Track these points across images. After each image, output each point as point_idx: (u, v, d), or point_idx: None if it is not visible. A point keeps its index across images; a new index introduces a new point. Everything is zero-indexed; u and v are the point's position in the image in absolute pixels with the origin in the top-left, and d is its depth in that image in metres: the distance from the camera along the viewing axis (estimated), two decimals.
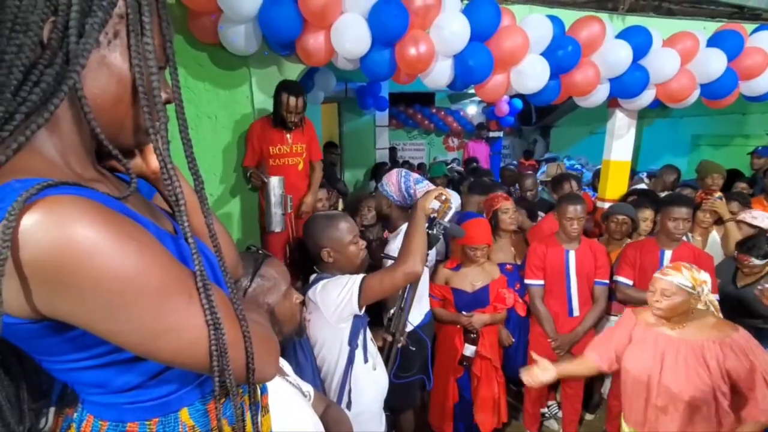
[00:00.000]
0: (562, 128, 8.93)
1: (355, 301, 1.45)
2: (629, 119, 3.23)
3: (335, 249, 1.55)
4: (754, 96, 3.06)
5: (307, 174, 2.84)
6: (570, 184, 3.39)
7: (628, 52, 2.49)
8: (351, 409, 1.49)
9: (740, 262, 2.42)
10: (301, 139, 2.69)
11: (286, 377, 1.10)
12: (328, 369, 1.52)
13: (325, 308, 1.47)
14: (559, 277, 2.52)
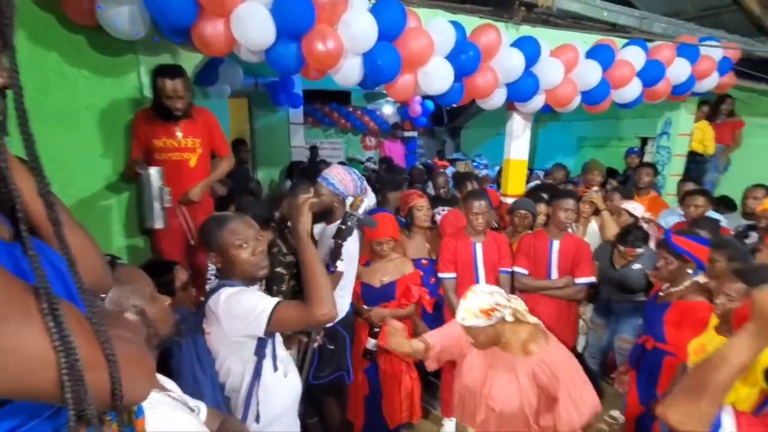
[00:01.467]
0: (470, 130, 9.52)
1: (263, 328, 1.32)
2: (525, 121, 3.53)
3: (221, 254, 1.40)
4: (624, 103, 3.55)
5: (206, 171, 2.54)
6: (471, 182, 3.58)
7: (521, 59, 2.72)
8: (260, 421, 1.39)
9: (625, 253, 2.78)
10: (194, 132, 2.39)
11: (168, 393, 0.99)
12: (233, 383, 1.41)
13: (228, 324, 1.35)
14: (469, 269, 2.67)
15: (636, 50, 3.28)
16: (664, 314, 2.17)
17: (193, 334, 1.38)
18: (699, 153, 4.94)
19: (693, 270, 2.21)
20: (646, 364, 2.24)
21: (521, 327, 1.65)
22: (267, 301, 1.35)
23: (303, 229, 1.42)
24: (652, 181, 4.07)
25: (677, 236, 2.24)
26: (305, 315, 1.34)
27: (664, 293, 2.29)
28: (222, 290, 1.39)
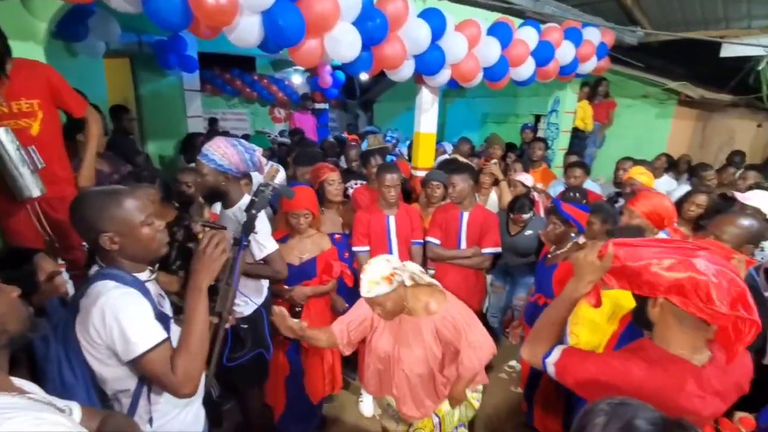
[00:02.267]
0: (382, 103, 9.53)
1: (127, 358, 1.13)
2: (433, 96, 3.60)
3: (121, 233, 1.18)
4: (521, 81, 3.79)
5: (55, 138, 2.10)
6: (375, 158, 3.56)
7: (427, 31, 2.72)
8: (153, 425, 1.23)
9: (515, 220, 3.04)
10: (25, 92, 1.94)
11: (28, 396, 0.84)
12: (115, 385, 1.21)
13: (94, 333, 1.13)
14: (382, 242, 2.69)
15: (530, 31, 3.50)
16: (552, 274, 2.43)
17: (63, 331, 1.16)
18: (580, 129, 5.56)
19: (575, 233, 2.50)
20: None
21: (420, 290, 1.75)
22: (150, 334, 1.14)
23: (205, 280, 1.24)
24: (543, 154, 4.47)
25: (565, 203, 2.50)
26: (168, 381, 1.14)
27: (552, 255, 2.56)
28: (103, 286, 1.16)
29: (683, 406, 1.02)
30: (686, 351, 1.05)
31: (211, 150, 1.84)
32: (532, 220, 3.09)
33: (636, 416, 0.70)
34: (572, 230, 2.49)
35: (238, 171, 1.90)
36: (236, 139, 1.96)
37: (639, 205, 2.17)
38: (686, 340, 1.05)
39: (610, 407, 0.73)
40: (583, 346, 2.02)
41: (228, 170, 1.86)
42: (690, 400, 1.02)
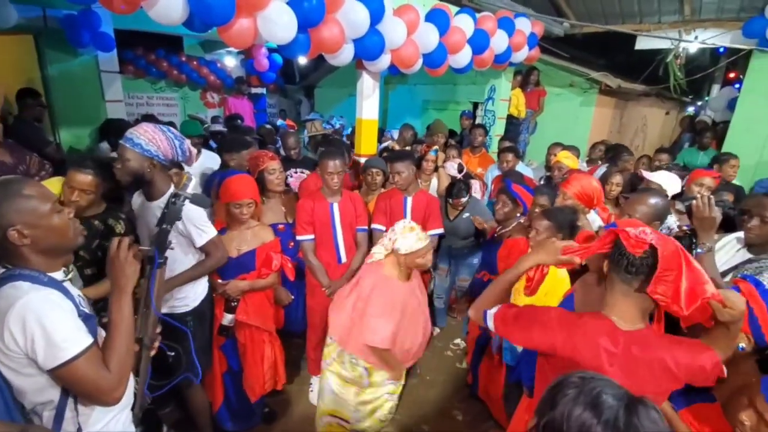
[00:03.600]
0: (324, 89, 9.33)
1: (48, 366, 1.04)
2: (374, 81, 3.57)
3: (31, 225, 1.07)
4: (459, 68, 3.87)
5: None
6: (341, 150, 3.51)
7: (366, 14, 2.68)
8: None
9: (454, 205, 3.14)
10: None
11: None
12: (35, 397, 1.10)
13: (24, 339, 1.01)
14: (327, 229, 2.65)
15: (466, 19, 3.57)
16: (497, 251, 2.55)
17: None
18: (515, 116, 5.84)
19: (520, 213, 2.63)
20: None
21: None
22: (78, 337, 1.06)
23: (127, 283, 1.20)
24: (483, 140, 4.65)
25: (515, 184, 2.63)
26: (100, 386, 1.08)
27: (498, 234, 2.69)
28: (15, 288, 1.04)
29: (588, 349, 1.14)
30: (616, 316, 1.17)
31: (136, 134, 1.71)
32: (470, 204, 3.21)
33: (603, 391, 0.75)
34: (518, 210, 2.63)
35: (166, 158, 1.78)
36: (165, 126, 1.83)
37: (570, 186, 2.32)
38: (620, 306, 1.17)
39: (580, 380, 0.78)
40: None
41: (155, 156, 1.73)
42: (596, 347, 1.13)
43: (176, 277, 1.91)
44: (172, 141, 1.77)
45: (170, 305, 1.99)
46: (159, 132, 1.74)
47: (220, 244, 1.99)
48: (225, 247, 2.04)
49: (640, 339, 1.13)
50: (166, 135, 1.76)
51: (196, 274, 1.98)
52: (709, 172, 2.71)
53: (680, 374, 1.09)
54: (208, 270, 2.03)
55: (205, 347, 2.17)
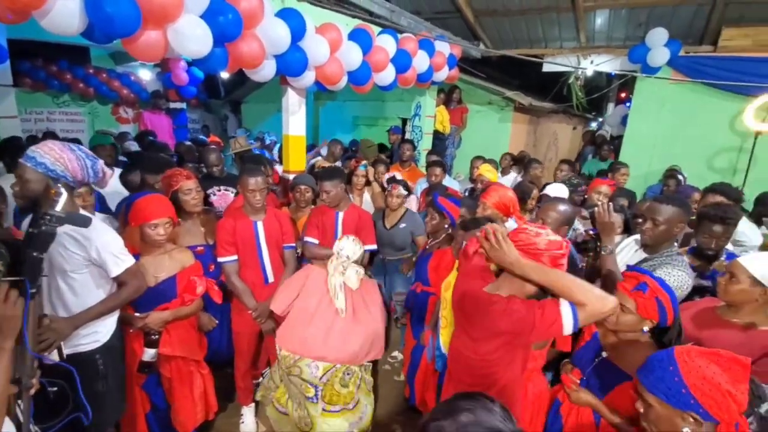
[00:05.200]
0: (252, 104, 9.09)
1: None
2: (300, 97, 3.55)
3: None
4: (384, 86, 3.98)
5: None
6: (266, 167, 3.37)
7: (286, 31, 2.67)
8: None
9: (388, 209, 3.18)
10: None
11: None
12: None
13: None
14: (251, 249, 2.54)
15: (389, 39, 3.70)
16: (428, 263, 2.60)
17: None
18: (440, 132, 6.12)
19: (448, 225, 2.71)
20: (416, 306, 2.65)
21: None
22: None
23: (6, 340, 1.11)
24: (412, 155, 4.79)
25: (441, 197, 2.72)
26: None
27: (429, 246, 2.75)
28: None
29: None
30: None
31: (40, 152, 1.55)
32: (407, 215, 3.27)
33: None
34: (446, 222, 2.71)
35: (74, 180, 1.61)
36: (74, 144, 1.67)
37: (489, 198, 2.48)
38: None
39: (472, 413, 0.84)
40: (451, 327, 2.22)
41: (62, 177, 1.57)
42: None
43: (89, 311, 1.72)
44: (83, 161, 1.63)
45: (74, 343, 1.76)
46: (67, 150, 1.60)
47: (139, 273, 1.87)
48: (144, 275, 1.91)
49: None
50: (76, 154, 1.61)
51: (112, 306, 1.81)
52: (605, 181, 3.04)
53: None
54: (126, 301, 1.86)
55: (120, 386, 1.96)
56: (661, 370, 1.06)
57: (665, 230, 2.00)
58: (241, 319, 2.60)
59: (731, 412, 0.98)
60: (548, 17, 5.53)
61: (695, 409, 1.00)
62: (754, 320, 1.58)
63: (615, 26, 5.44)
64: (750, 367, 0.99)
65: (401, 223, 3.23)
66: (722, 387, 0.98)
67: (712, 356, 1.02)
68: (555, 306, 1.30)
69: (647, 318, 1.46)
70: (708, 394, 0.98)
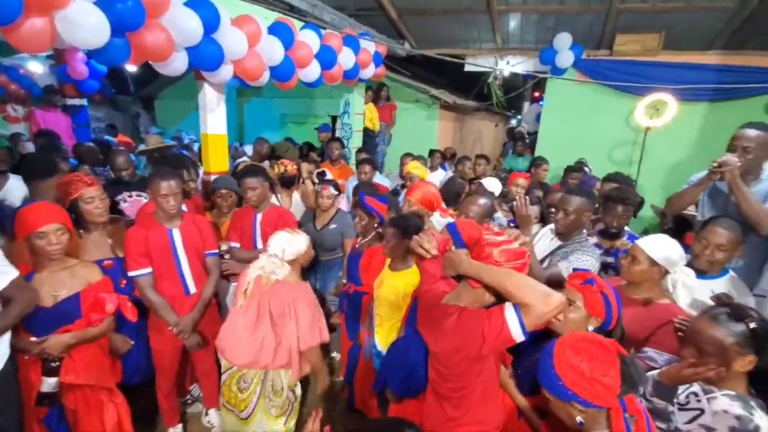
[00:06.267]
0: (166, 100, 8.42)
1: None
2: (218, 93, 3.33)
3: None
4: (309, 83, 3.88)
5: None
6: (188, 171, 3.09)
7: (197, 22, 2.48)
8: None
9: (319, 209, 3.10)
10: None
11: None
12: None
13: None
14: (168, 259, 2.33)
15: (312, 34, 3.61)
16: (359, 262, 2.58)
17: None
18: (370, 129, 6.13)
19: (377, 223, 2.70)
20: (350, 306, 2.63)
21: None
22: None
23: None
24: (341, 153, 4.73)
25: (368, 197, 2.69)
26: None
27: (359, 246, 2.72)
28: None
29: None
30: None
31: None
32: (338, 216, 3.22)
33: None
34: (375, 221, 2.69)
35: None
36: None
37: (413, 194, 2.54)
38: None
39: None
40: (386, 324, 2.23)
41: None
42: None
43: None
44: None
45: None
46: None
47: (26, 285, 1.67)
48: (32, 288, 1.70)
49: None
50: None
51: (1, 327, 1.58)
52: (522, 174, 3.26)
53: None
54: (16, 319, 1.65)
55: (17, 422, 1.74)
56: (544, 364, 1.09)
57: (575, 219, 2.18)
58: (161, 336, 2.38)
59: (603, 397, 1.01)
60: (467, 19, 5.77)
61: (574, 398, 1.03)
62: (651, 296, 1.77)
63: (527, 30, 5.83)
64: (616, 351, 1.04)
65: (332, 224, 3.18)
66: (586, 375, 1.01)
67: (580, 344, 1.05)
68: (500, 312, 1.23)
69: (593, 315, 1.46)
70: (577, 383, 1.02)
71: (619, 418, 1.01)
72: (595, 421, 1.05)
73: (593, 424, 1.05)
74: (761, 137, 2.07)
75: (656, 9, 4.86)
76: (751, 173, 2.10)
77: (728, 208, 2.13)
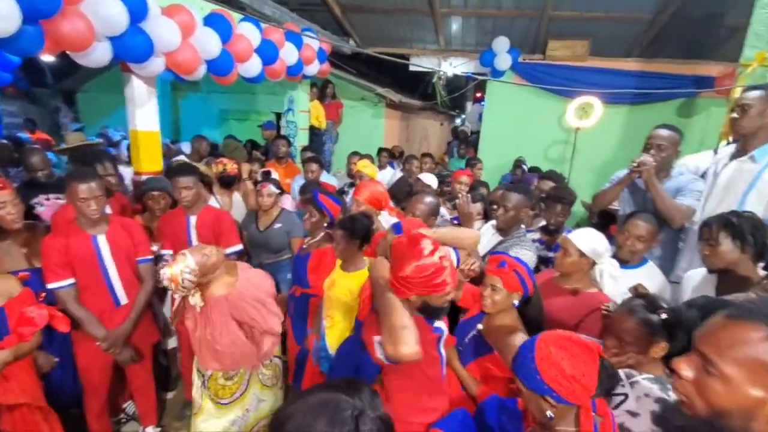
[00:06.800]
0: (91, 94, 7.71)
1: None
2: (148, 87, 3.11)
3: None
4: (250, 78, 3.72)
5: None
6: (103, 165, 2.85)
7: (121, 8, 2.28)
8: None
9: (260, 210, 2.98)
10: None
11: None
12: None
13: None
14: (93, 269, 2.14)
15: (251, 27, 3.47)
16: (306, 263, 2.52)
17: None
18: (317, 127, 6.03)
19: (327, 223, 2.64)
20: (297, 310, 2.56)
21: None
22: None
23: None
24: (287, 151, 4.60)
25: (322, 195, 2.63)
26: None
27: (306, 246, 2.65)
28: None
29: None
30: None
31: None
32: (282, 215, 3.11)
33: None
34: (325, 220, 2.63)
35: None
36: None
37: (361, 194, 2.52)
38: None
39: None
40: (338, 326, 2.20)
41: None
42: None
43: None
44: None
45: None
46: None
47: None
48: None
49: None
50: None
51: None
52: (464, 172, 3.37)
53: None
54: None
55: None
56: (523, 357, 1.13)
57: (514, 215, 2.28)
58: (88, 352, 2.19)
59: (579, 396, 1.05)
60: (411, 19, 5.85)
61: (549, 393, 1.06)
62: (581, 285, 1.90)
63: (467, 32, 6.02)
64: (598, 353, 1.08)
65: (276, 223, 3.06)
66: (566, 373, 1.04)
67: (564, 342, 1.09)
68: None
69: (513, 291, 1.63)
70: (556, 380, 1.05)
71: (589, 418, 1.05)
72: (564, 417, 1.09)
73: (561, 420, 1.09)
74: (673, 137, 2.30)
75: (583, 17, 5.23)
76: (663, 170, 2.32)
77: (646, 204, 2.34)
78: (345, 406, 0.77)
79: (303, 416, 0.75)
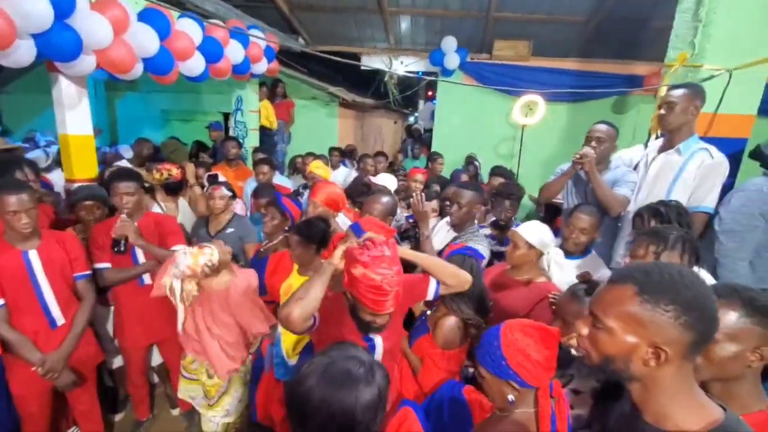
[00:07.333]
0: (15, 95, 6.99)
1: None
2: (78, 87, 2.87)
3: None
4: (193, 77, 3.54)
5: None
6: (23, 171, 2.58)
7: (45, 4, 2.09)
8: None
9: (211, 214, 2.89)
10: None
11: None
12: None
13: None
14: (24, 287, 1.96)
15: (192, 24, 3.30)
16: (264, 268, 2.44)
17: None
18: (267, 128, 5.87)
19: (288, 227, 2.57)
20: None
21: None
22: None
23: None
24: (238, 152, 4.43)
25: (286, 198, 2.57)
26: None
27: (263, 249, 2.57)
28: None
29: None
30: None
31: None
32: (234, 220, 3.00)
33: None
34: (286, 223, 2.56)
35: None
36: None
37: (318, 196, 2.47)
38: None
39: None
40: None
41: None
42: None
43: None
44: None
45: None
46: None
47: None
48: None
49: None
50: None
51: None
52: (419, 170, 3.42)
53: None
54: None
55: None
56: (487, 345, 1.19)
57: (467, 211, 2.35)
58: (23, 378, 2.02)
59: (541, 378, 1.13)
60: (360, 18, 5.83)
61: (514, 378, 1.14)
62: (531, 276, 1.99)
63: (416, 31, 6.10)
64: (558, 336, 1.17)
65: (228, 227, 2.94)
66: (532, 357, 1.12)
67: (527, 329, 1.17)
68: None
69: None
70: (521, 364, 1.13)
71: (546, 399, 1.13)
72: (524, 400, 1.17)
73: (521, 403, 1.17)
74: (610, 131, 2.48)
75: (524, 18, 5.47)
76: (602, 162, 2.49)
77: (588, 194, 2.50)
78: (355, 365, 0.95)
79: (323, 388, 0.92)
